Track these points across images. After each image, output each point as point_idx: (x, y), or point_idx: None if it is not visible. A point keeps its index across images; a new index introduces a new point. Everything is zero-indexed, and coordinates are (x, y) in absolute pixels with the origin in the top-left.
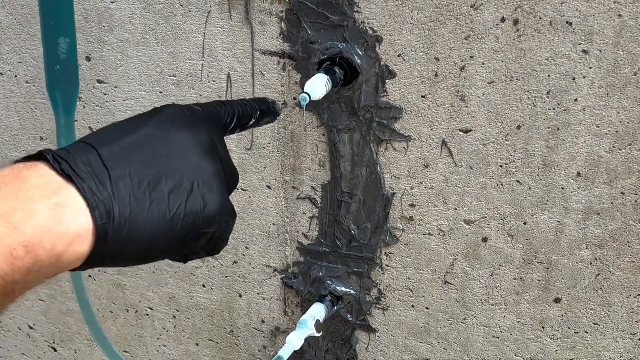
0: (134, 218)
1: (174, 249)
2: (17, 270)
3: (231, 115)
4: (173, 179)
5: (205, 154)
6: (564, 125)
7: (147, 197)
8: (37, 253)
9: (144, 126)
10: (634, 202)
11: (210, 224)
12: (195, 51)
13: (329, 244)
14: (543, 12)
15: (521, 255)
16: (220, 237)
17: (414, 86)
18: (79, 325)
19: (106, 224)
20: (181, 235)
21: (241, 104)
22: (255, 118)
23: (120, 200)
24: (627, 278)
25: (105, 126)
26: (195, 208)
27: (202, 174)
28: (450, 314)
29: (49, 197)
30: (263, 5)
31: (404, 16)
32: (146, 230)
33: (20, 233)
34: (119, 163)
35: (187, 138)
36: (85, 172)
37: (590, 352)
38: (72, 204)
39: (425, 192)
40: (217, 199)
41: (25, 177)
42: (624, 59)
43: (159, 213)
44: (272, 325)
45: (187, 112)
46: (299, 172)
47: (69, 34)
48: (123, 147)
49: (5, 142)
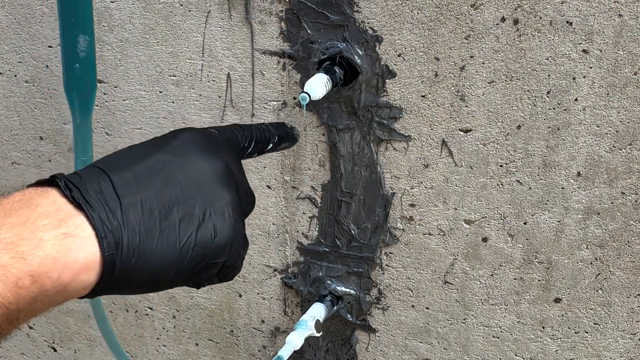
0: (143, 247)
1: (183, 278)
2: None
3: (249, 139)
4: (185, 207)
5: (220, 180)
6: (564, 125)
7: (158, 226)
8: (43, 283)
9: (159, 151)
10: (635, 202)
11: (220, 254)
12: (195, 51)
13: (329, 244)
14: (543, 12)
15: (521, 255)
16: (232, 266)
17: (414, 86)
18: (79, 325)
19: (114, 254)
20: (191, 265)
21: (259, 129)
22: (273, 143)
23: (130, 229)
24: (628, 278)
25: (121, 149)
26: (206, 238)
27: (216, 202)
28: (451, 314)
29: (58, 227)
30: (263, 5)
31: (404, 16)
32: (155, 260)
33: (27, 263)
34: (130, 191)
35: (203, 164)
36: (96, 200)
37: (591, 352)
38: (81, 234)
39: (425, 192)
40: (229, 229)
41: (36, 205)
42: (624, 59)
43: (169, 243)
44: (272, 325)
45: (204, 136)
46: (299, 172)
47: (88, 32)
48: (136, 173)
49: (5, 142)
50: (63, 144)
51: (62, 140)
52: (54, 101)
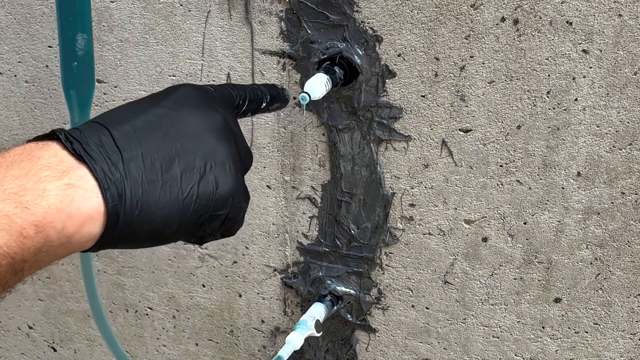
0: (146, 199)
1: (186, 230)
2: (27, 249)
3: (243, 97)
4: (186, 160)
5: (219, 134)
6: (564, 125)
7: (160, 178)
8: (47, 233)
9: (157, 106)
10: (635, 202)
11: (223, 206)
12: (195, 51)
13: (329, 244)
14: (543, 12)
15: (521, 255)
16: (234, 219)
17: (414, 86)
18: (79, 325)
19: (117, 206)
20: (194, 217)
21: (252, 88)
22: (266, 102)
23: (133, 181)
24: (628, 278)
25: (119, 106)
26: (208, 190)
27: (216, 155)
28: (451, 314)
29: (61, 178)
30: (263, 5)
31: (404, 16)
32: (158, 211)
33: (31, 213)
34: (131, 144)
35: (201, 118)
36: (98, 152)
37: (591, 352)
38: (84, 185)
39: (425, 192)
40: (230, 181)
41: (37, 157)
42: (624, 59)
43: (172, 195)
44: (272, 325)
45: (201, 92)
46: (299, 172)
47: (86, 30)
48: (135, 127)
49: (5, 142)
50: None
51: None
52: (54, 101)
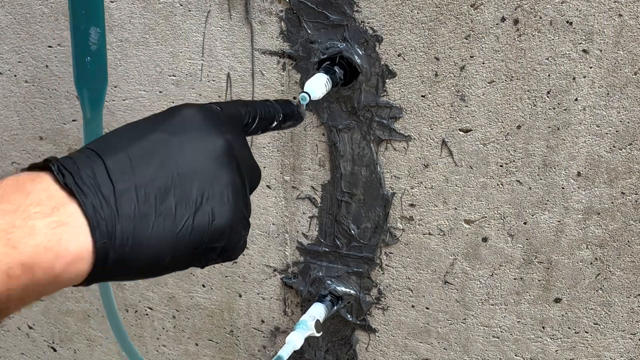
0: (137, 235)
1: (180, 264)
2: (13, 289)
3: (253, 115)
4: (182, 191)
5: (219, 161)
6: (564, 125)
7: (153, 211)
8: (34, 272)
9: (156, 130)
10: (635, 202)
11: (219, 238)
12: (195, 51)
13: (329, 244)
14: (543, 12)
15: (521, 255)
16: (232, 249)
17: (414, 86)
18: (79, 325)
19: (107, 244)
20: (188, 250)
21: (264, 105)
22: (278, 121)
23: (124, 217)
24: (628, 278)
25: (117, 129)
26: (204, 222)
27: (214, 184)
28: (451, 314)
29: (50, 214)
30: (263, 5)
31: (404, 16)
32: (150, 247)
33: (19, 252)
34: (125, 175)
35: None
36: (89, 186)
37: (591, 352)
38: (73, 222)
39: (425, 192)
40: (228, 212)
41: (28, 192)
42: (624, 59)
43: (165, 229)
44: (272, 326)
45: (204, 113)
46: (299, 172)
47: (99, 24)
48: (131, 156)
49: (5, 142)
50: (63, 143)
51: (62, 140)
52: (54, 101)
